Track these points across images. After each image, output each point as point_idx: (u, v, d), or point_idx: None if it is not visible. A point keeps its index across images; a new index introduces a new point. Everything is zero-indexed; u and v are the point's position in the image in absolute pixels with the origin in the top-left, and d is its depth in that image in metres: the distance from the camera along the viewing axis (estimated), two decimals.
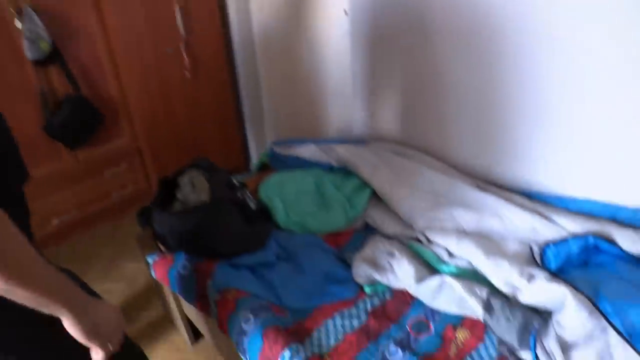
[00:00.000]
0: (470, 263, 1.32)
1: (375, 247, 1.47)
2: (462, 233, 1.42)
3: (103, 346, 0.76)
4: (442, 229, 1.45)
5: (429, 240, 1.46)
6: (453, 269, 1.33)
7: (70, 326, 0.70)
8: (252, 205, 1.59)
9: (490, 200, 1.48)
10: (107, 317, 0.77)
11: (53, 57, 2.03)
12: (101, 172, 2.44)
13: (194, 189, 1.53)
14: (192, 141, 2.67)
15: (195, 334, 1.82)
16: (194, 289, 1.41)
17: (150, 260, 1.54)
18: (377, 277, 1.37)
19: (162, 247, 1.54)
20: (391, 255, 1.41)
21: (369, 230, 1.62)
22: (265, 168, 2.84)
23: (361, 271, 1.41)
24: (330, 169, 1.83)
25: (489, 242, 1.35)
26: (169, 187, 1.65)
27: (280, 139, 2.11)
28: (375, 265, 1.42)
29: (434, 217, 1.50)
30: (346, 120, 2.19)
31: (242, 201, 1.56)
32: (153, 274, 1.53)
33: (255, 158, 2.97)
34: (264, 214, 1.64)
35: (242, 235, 1.48)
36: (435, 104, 1.77)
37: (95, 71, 2.23)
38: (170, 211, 1.48)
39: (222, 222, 1.44)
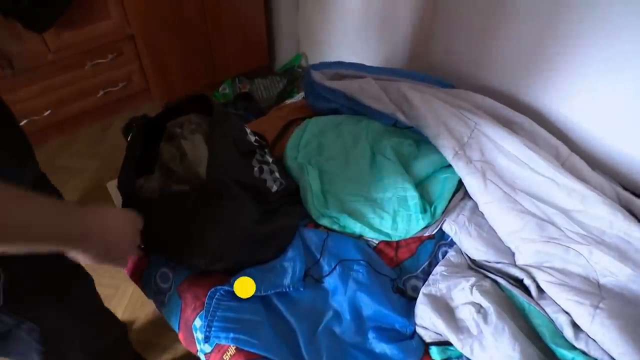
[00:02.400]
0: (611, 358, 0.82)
1: (456, 285, 0.96)
2: (601, 295, 0.89)
3: (119, 265, 0.72)
4: (564, 278, 0.92)
5: (540, 290, 0.94)
6: None
7: (77, 258, 0.62)
8: (275, 185, 1.05)
9: None
10: (117, 232, 0.69)
11: None
12: (82, 64, 1.84)
13: (182, 159, 0.98)
14: (203, 28, 1.98)
15: None
16: (178, 314, 0.95)
17: None
18: (454, 340, 0.89)
19: None
20: (482, 312, 0.90)
21: (442, 239, 1.09)
22: (293, 78, 2.23)
23: (427, 319, 0.93)
24: (394, 124, 1.23)
25: None
26: (154, 131, 1.10)
27: (322, 61, 1.44)
28: (451, 317, 0.93)
29: (553, 255, 0.95)
30: (421, 54, 1.50)
31: (259, 181, 1.01)
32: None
33: (282, 56, 2.29)
34: (290, 196, 1.10)
35: (249, 240, 0.96)
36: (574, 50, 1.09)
37: None
38: (139, 190, 0.94)
39: (218, 220, 0.91)
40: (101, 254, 0.65)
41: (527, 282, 0.94)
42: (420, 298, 0.96)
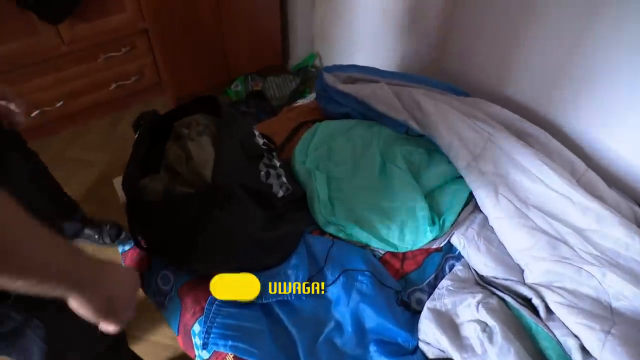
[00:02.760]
0: None
1: (462, 301, 0.93)
2: (613, 320, 0.86)
3: (118, 322, 0.64)
4: (575, 300, 0.89)
5: (548, 310, 0.91)
6: None
7: (79, 307, 0.58)
8: (281, 191, 1.03)
9: None
10: (122, 288, 0.65)
11: None
12: (95, 56, 1.84)
13: (187, 161, 0.96)
14: (217, 25, 1.96)
15: None
16: (178, 317, 0.94)
17: (120, 249, 1.05)
18: (457, 358, 0.86)
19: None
20: (488, 331, 0.88)
21: (449, 252, 1.07)
22: (306, 78, 2.21)
23: (430, 334, 0.91)
24: (405, 132, 1.20)
25: None
26: (162, 129, 1.08)
27: (336, 61, 1.43)
28: (456, 334, 0.91)
29: (564, 275, 0.92)
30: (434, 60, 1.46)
31: (264, 186, 1.00)
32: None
33: (296, 55, 2.27)
34: (296, 201, 1.09)
35: (253, 246, 0.94)
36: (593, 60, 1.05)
37: None
38: (143, 189, 0.93)
39: (222, 225, 0.90)
40: (104, 307, 0.61)
41: (536, 301, 0.92)
42: (425, 312, 0.94)
